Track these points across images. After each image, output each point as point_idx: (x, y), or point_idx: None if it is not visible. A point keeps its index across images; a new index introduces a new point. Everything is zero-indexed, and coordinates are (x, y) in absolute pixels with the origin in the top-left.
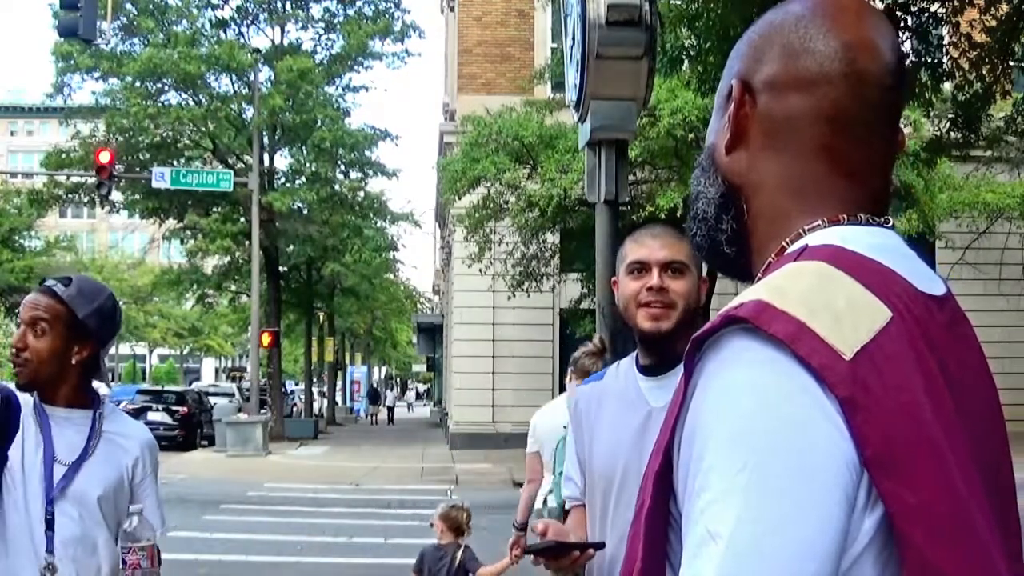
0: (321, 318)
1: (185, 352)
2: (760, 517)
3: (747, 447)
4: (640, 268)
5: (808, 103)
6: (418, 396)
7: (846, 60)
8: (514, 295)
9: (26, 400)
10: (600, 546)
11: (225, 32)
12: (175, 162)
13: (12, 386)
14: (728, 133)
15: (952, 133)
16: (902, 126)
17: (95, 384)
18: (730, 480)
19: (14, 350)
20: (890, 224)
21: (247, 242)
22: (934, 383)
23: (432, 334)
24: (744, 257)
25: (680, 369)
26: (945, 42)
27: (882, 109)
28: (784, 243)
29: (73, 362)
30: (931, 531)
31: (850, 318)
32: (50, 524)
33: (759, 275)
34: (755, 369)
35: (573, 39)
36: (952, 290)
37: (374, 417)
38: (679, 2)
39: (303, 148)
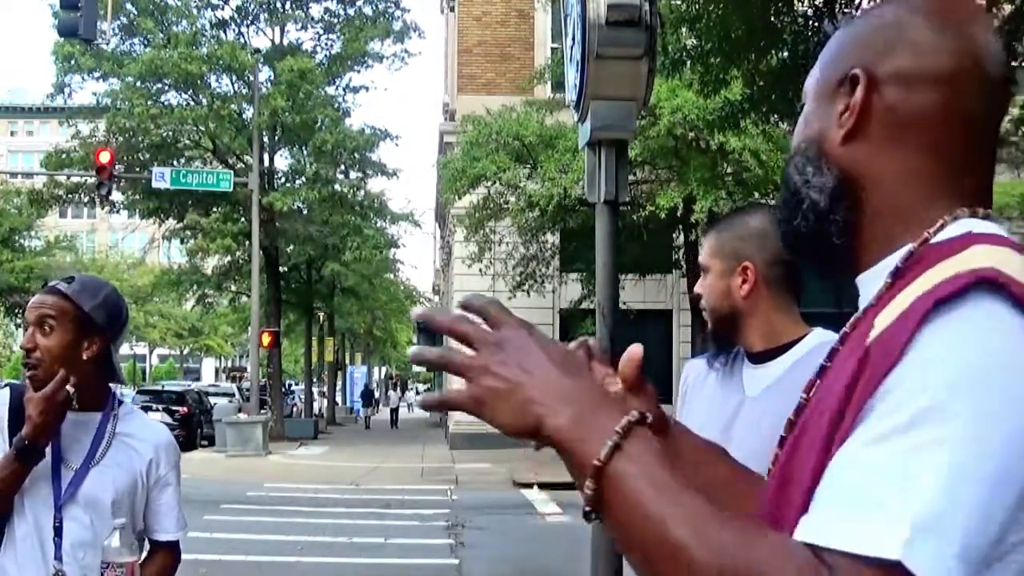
0: (321, 318)
1: (185, 352)
2: (965, 480)
3: (973, 401)
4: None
5: (940, 100)
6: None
7: (978, 61)
8: (515, 295)
9: (4, 402)
10: None
11: (225, 32)
12: (175, 162)
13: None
14: (850, 123)
15: None
16: None
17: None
18: (945, 429)
19: (25, 352)
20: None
21: (247, 242)
22: None
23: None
24: (851, 248)
25: (784, 359)
26: None
27: (997, 111)
28: (927, 233)
29: (84, 358)
30: None
31: None
32: (58, 531)
33: (900, 264)
34: (999, 327)
35: (573, 39)
36: None
37: (368, 420)
38: (679, 2)
39: (303, 148)
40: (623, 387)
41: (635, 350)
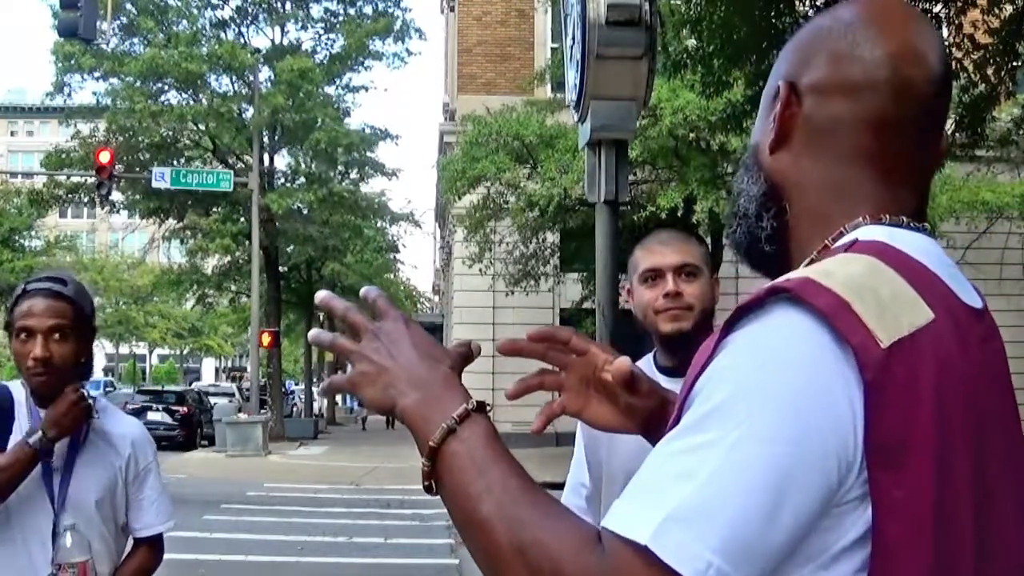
0: (321, 318)
1: (185, 352)
2: (734, 479)
3: (753, 406)
4: (654, 276)
5: (852, 108)
6: None
7: (891, 68)
8: (512, 293)
9: (20, 401)
10: None
11: (225, 32)
12: (175, 162)
13: (9, 385)
14: (772, 133)
15: (958, 135)
16: None
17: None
18: (725, 431)
19: (35, 362)
20: (929, 230)
21: (247, 242)
22: (957, 392)
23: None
24: (782, 255)
25: None
26: (948, 43)
27: (924, 117)
28: (827, 241)
29: (83, 360)
30: (908, 531)
31: (892, 310)
32: (54, 534)
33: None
34: (790, 336)
35: (573, 39)
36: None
37: (363, 421)
38: (679, 2)
39: (302, 149)
40: (615, 383)
41: (621, 363)
